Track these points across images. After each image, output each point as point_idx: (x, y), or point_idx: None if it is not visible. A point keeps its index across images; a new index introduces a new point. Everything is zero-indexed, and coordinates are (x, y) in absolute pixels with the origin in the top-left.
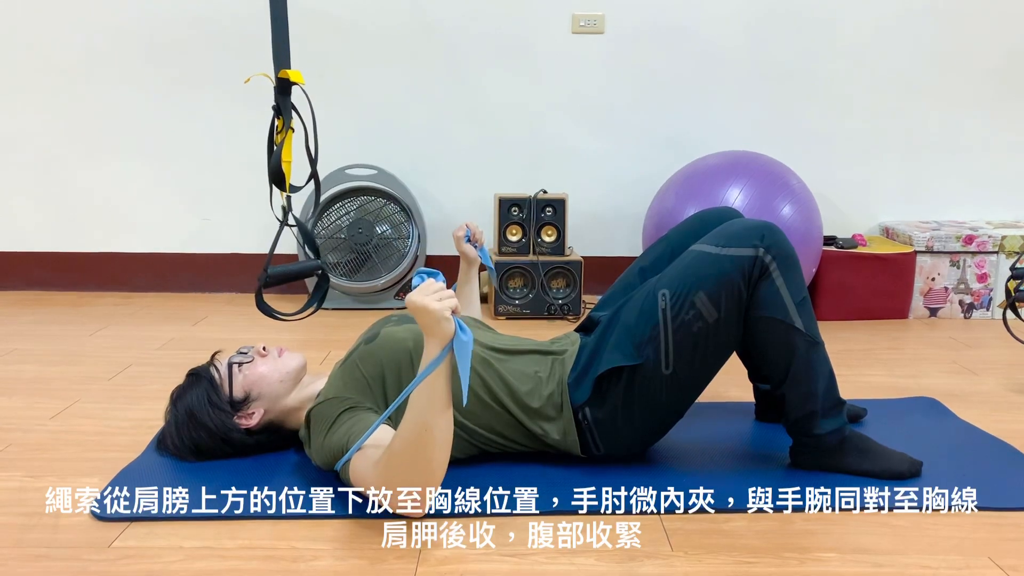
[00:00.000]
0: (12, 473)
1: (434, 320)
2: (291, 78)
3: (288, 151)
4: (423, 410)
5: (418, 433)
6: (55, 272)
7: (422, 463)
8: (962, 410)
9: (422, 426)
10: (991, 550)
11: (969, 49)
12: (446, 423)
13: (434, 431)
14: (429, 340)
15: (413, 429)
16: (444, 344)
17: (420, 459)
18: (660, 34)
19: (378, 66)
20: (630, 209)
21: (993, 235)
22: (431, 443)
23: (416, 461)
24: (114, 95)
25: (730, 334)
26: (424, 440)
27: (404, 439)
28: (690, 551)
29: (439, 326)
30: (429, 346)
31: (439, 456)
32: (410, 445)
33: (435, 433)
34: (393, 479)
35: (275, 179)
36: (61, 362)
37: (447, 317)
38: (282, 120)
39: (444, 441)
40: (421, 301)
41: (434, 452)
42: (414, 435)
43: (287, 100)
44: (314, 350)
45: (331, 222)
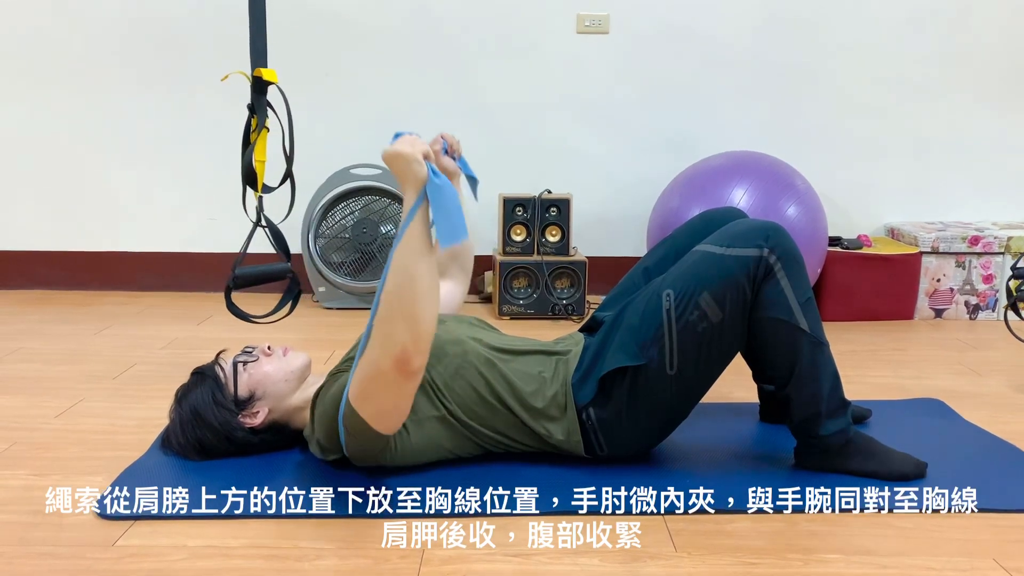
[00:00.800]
0: (17, 471)
1: (405, 163)
2: (264, 77)
3: (262, 151)
4: (405, 259)
5: (400, 283)
6: (60, 271)
7: (409, 314)
8: (967, 411)
9: (405, 275)
10: (996, 552)
11: (975, 49)
12: (428, 271)
13: (417, 280)
14: (405, 188)
15: (397, 278)
16: (419, 189)
17: (406, 310)
18: (665, 34)
19: (383, 66)
20: (634, 209)
21: (999, 236)
22: (415, 292)
23: (402, 312)
24: (120, 94)
25: (734, 335)
26: (407, 290)
27: (389, 292)
28: (694, 552)
29: (411, 169)
30: (406, 194)
31: (425, 306)
32: (394, 297)
33: (418, 282)
34: (382, 336)
35: (247, 179)
36: (66, 361)
37: (418, 159)
38: (256, 119)
39: (429, 290)
40: (392, 148)
41: (420, 302)
42: (397, 286)
43: (261, 99)
44: (318, 350)
45: (336, 222)
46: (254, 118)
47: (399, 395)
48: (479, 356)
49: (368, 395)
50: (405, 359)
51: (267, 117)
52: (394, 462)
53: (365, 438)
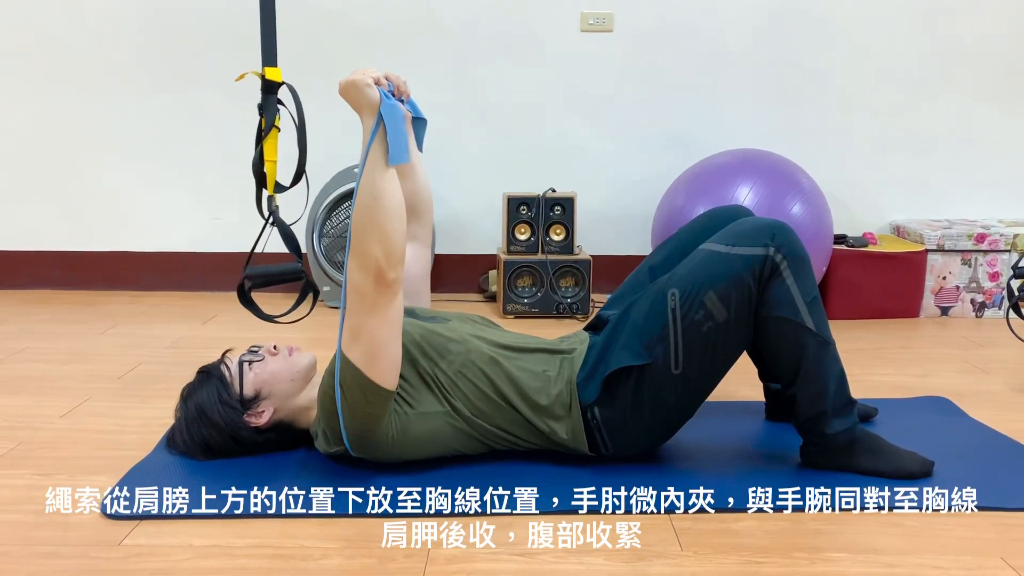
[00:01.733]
0: (22, 471)
1: (356, 89)
2: (268, 76)
3: (273, 150)
4: (368, 180)
5: (367, 203)
6: (65, 271)
7: (378, 231)
8: (973, 410)
9: (370, 195)
10: (1003, 550)
11: (980, 46)
12: (393, 188)
13: (382, 197)
14: (362, 115)
15: (364, 199)
16: (374, 112)
17: (376, 226)
18: (669, 32)
19: (388, 65)
20: (639, 208)
21: (1005, 233)
22: (382, 208)
23: (372, 230)
24: (125, 95)
25: (740, 334)
26: (375, 208)
27: (358, 213)
28: (699, 551)
29: (363, 94)
30: (364, 121)
31: (393, 221)
32: (365, 217)
33: (384, 199)
34: (356, 255)
35: (258, 179)
36: (71, 361)
37: (368, 83)
38: (265, 119)
39: (394, 208)
40: (345, 79)
41: (387, 219)
42: (365, 207)
43: (270, 99)
44: (323, 349)
45: (340, 221)
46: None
47: (383, 320)
48: (483, 354)
49: (356, 331)
50: (380, 272)
51: (277, 116)
52: (395, 454)
53: (362, 397)
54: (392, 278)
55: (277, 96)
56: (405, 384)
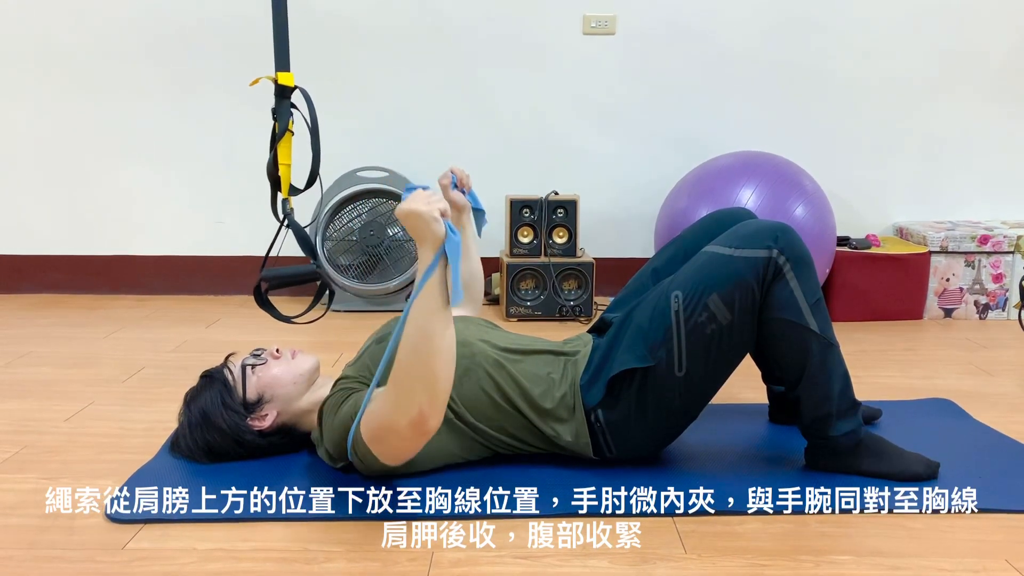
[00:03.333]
0: (27, 475)
1: (424, 223)
2: (280, 81)
3: (287, 154)
4: (421, 318)
5: (417, 343)
6: (70, 275)
7: (425, 373)
8: (978, 411)
9: (422, 335)
10: (1008, 552)
11: (983, 48)
12: (446, 329)
13: (434, 338)
14: (422, 246)
15: (413, 339)
16: (437, 247)
17: (422, 369)
18: (671, 35)
19: (390, 68)
20: (642, 210)
21: (1009, 235)
22: (431, 351)
23: (419, 371)
24: (127, 98)
25: (744, 336)
26: (424, 349)
27: (405, 351)
28: (704, 553)
29: (429, 228)
30: (423, 253)
31: (442, 364)
32: (412, 356)
33: (434, 341)
34: (398, 395)
35: (273, 182)
36: (76, 364)
37: (436, 218)
38: (279, 123)
39: (444, 348)
40: (409, 206)
41: (436, 360)
42: (414, 345)
43: (283, 103)
44: (326, 352)
45: (343, 224)
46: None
47: (413, 446)
48: (487, 357)
49: (380, 439)
50: (421, 420)
51: (290, 120)
52: (402, 469)
53: (374, 463)
54: (432, 426)
55: (290, 100)
56: None
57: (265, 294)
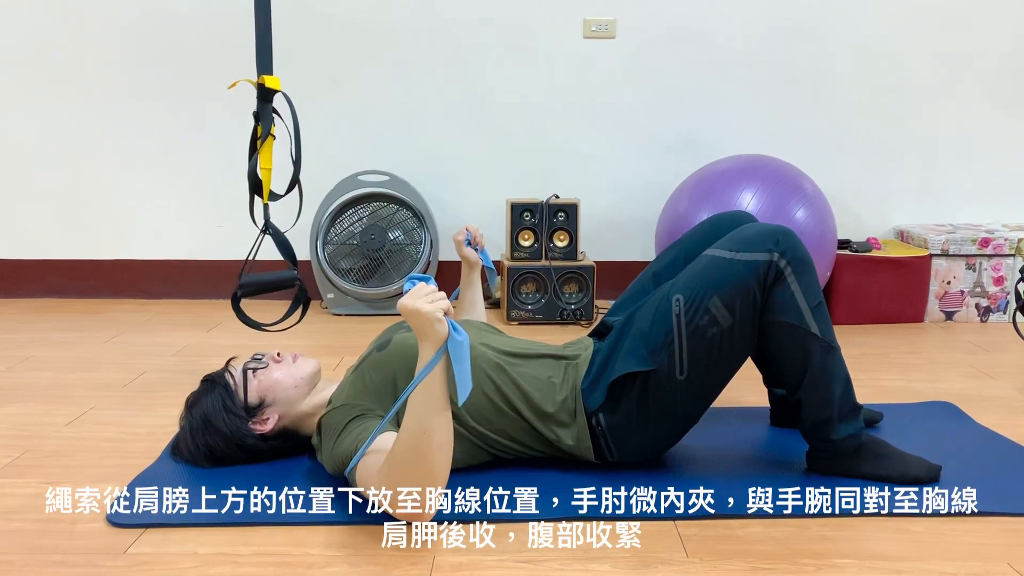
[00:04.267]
0: (28, 479)
1: (427, 322)
2: (267, 84)
3: (268, 158)
4: (420, 414)
5: (416, 437)
6: (71, 279)
7: (422, 467)
8: (979, 414)
9: (420, 430)
10: (1011, 556)
11: (983, 50)
12: (444, 426)
13: (432, 435)
14: (423, 343)
15: (411, 434)
16: (438, 346)
17: (420, 463)
18: (672, 38)
19: (391, 72)
20: (642, 213)
21: (1009, 238)
22: (430, 447)
23: (416, 465)
24: (129, 103)
25: (745, 339)
26: (423, 444)
27: (403, 444)
28: (705, 557)
29: (432, 328)
30: (424, 349)
31: (439, 460)
32: (409, 450)
33: (433, 437)
34: (395, 484)
35: (253, 187)
36: (76, 369)
37: (439, 318)
38: (261, 127)
39: (443, 444)
40: (413, 304)
41: (433, 456)
42: (413, 440)
43: (266, 107)
44: (327, 355)
45: (343, 228)
46: (259, 126)
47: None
48: (488, 361)
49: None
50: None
51: (272, 124)
52: None
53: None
54: (427, 519)
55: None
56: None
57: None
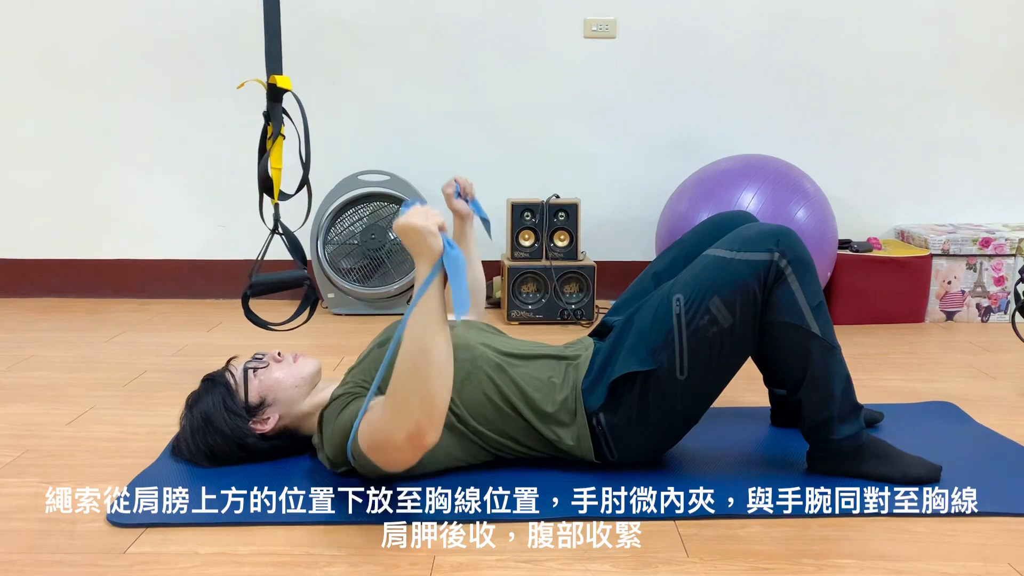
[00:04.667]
0: (28, 479)
1: (420, 237)
2: (279, 84)
3: (278, 158)
4: (419, 332)
5: (415, 357)
6: (71, 279)
7: (423, 388)
8: (980, 414)
9: (418, 349)
10: (1011, 556)
11: (984, 51)
12: (443, 345)
13: (431, 353)
14: (419, 260)
15: (411, 353)
16: (434, 262)
17: (420, 384)
18: (673, 38)
19: (391, 72)
20: (643, 213)
21: (1010, 238)
22: (429, 366)
23: (416, 386)
24: (130, 102)
25: (745, 339)
26: (421, 364)
27: (402, 366)
28: (705, 557)
29: (426, 242)
30: (420, 267)
31: (438, 382)
32: (409, 370)
33: (432, 356)
34: (396, 410)
35: (263, 186)
36: (77, 368)
37: (433, 232)
38: (272, 127)
39: (441, 365)
40: (406, 221)
41: (434, 375)
42: (412, 359)
43: (276, 107)
44: (328, 356)
45: (344, 228)
46: (269, 126)
47: (410, 457)
48: (489, 361)
49: (378, 449)
50: (419, 434)
51: (283, 124)
52: (404, 473)
53: (374, 469)
54: (429, 441)
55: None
56: None
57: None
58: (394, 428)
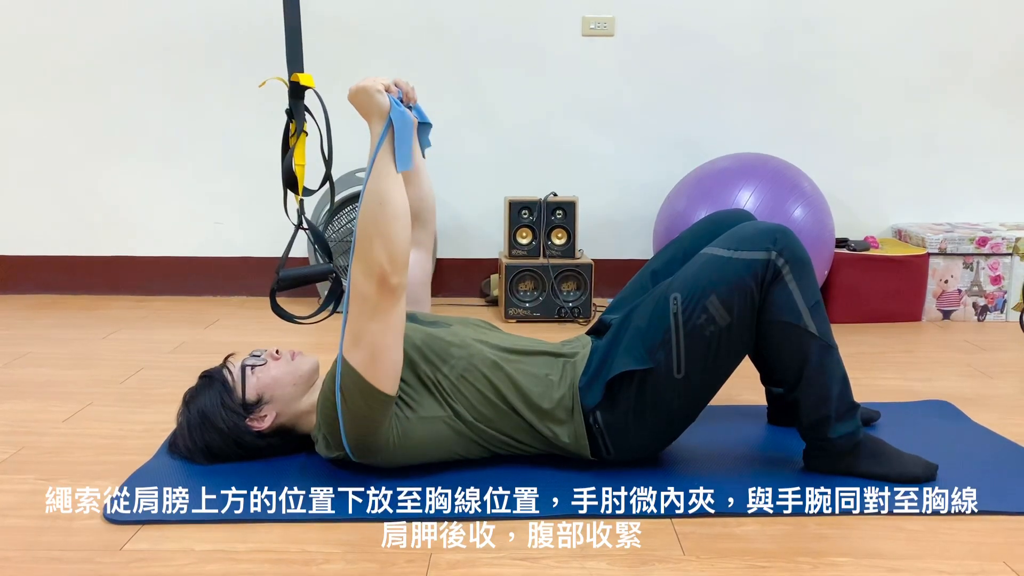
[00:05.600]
0: (25, 476)
1: (367, 95)
2: (302, 82)
3: (301, 154)
4: (375, 186)
5: (375, 208)
6: (68, 276)
7: (383, 236)
8: (976, 413)
9: (377, 201)
10: (1007, 555)
11: (981, 50)
12: (399, 193)
13: (388, 202)
14: (370, 121)
15: (370, 204)
16: (384, 118)
17: (380, 230)
18: (670, 36)
19: (389, 70)
20: (641, 212)
21: (1007, 237)
22: (387, 214)
23: (377, 235)
24: (128, 100)
25: (743, 338)
26: (379, 215)
27: (363, 218)
28: (702, 555)
29: (373, 100)
30: (372, 126)
31: (398, 226)
32: (370, 223)
33: (389, 204)
34: (361, 260)
35: (288, 182)
36: (74, 365)
37: (379, 90)
38: (295, 124)
39: (398, 213)
40: (355, 85)
41: (392, 222)
42: (371, 211)
43: (299, 104)
44: (325, 353)
45: (342, 225)
46: (292, 123)
47: (385, 325)
48: (485, 358)
49: (357, 336)
50: (384, 277)
51: (305, 121)
52: (396, 459)
53: (363, 401)
54: (395, 283)
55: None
56: (406, 388)
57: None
58: (363, 282)
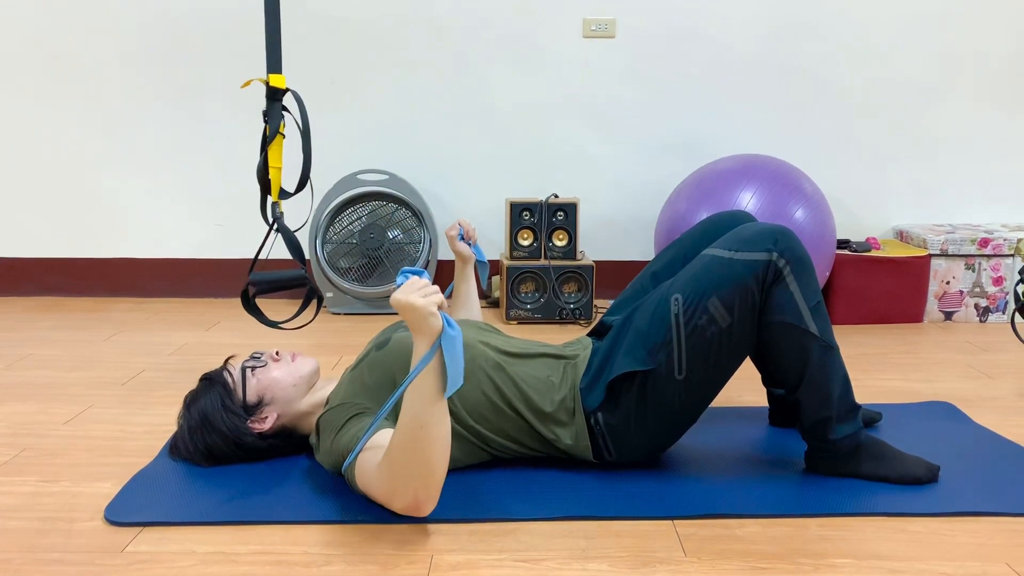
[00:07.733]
0: (26, 478)
1: (420, 317)
2: (272, 83)
3: (277, 157)
4: (416, 408)
5: (413, 431)
6: (69, 278)
7: (420, 460)
8: (978, 415)
9: (417, 424)
10: (1009, 556)
11: (983, 51)
12: (441, 419)
13: (429, 428)
14: (417, 338)
15: (408, 428)
16: (433, 340)
17: (418, 458)
18: (671, 38)
19: (390, 71)
20: (642, 213)
21: (1008, 238)
22: (427, 441)
23: (414, 459)
24: (128, 102)
25: (744, 339)
26: (420, 438)
27: (401, 438)
28: (703, 557)
29: (426, 322)
30: (418, 344)
31: (437, 454)
32: (407, 445)
33: (431, 430)
34: (394, 480)
35: (263, 185)
36: (75, 367)
37: (433, 312)
38: (269, 126)
39: (440, 437)
40: (406, 299)
41: (431, 450)
42: (410, 434)
43: (275, 106)
44: (326, 355)
45: (343, 227)
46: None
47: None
48: (488, 360)
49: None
50: (416, 506)
51: (281, 123)
52: None
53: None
54: (426, 511)
55: (282, 103)
56: None
57: (252, 299)
58: (392, 496)
